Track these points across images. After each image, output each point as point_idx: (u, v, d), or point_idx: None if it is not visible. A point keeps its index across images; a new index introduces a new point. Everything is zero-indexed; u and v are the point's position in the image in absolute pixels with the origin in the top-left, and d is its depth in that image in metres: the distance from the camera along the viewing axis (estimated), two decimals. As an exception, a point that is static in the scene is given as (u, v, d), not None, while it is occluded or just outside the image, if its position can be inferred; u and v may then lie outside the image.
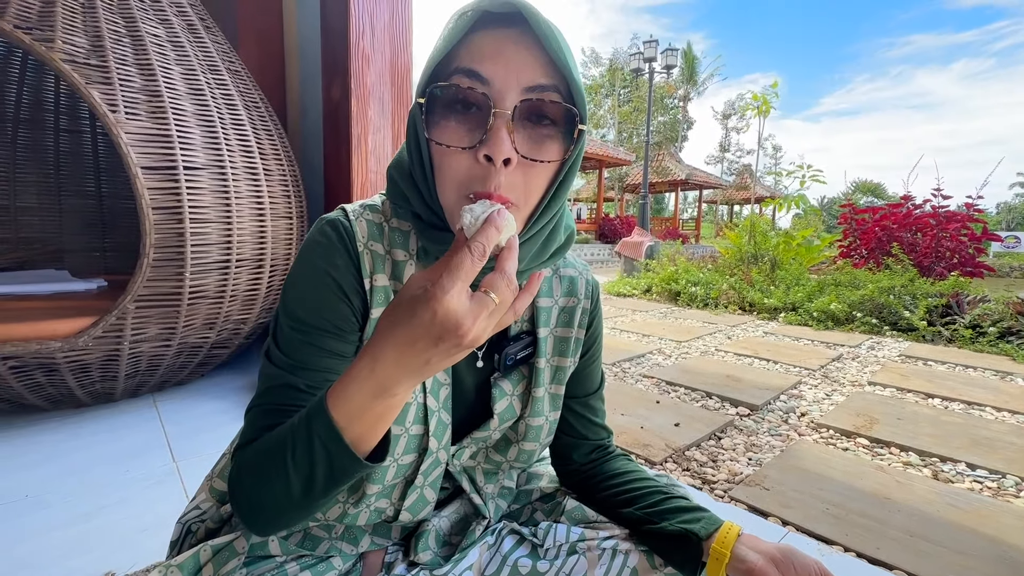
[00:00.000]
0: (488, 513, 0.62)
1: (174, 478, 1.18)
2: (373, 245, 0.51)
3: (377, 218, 0.52)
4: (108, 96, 1.36)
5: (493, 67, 0.42)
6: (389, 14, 2.00)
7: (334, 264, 0.49)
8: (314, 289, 0.49)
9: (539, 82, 0.43)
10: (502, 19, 0.43)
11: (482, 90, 0.42)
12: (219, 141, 1.56)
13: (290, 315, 0.49)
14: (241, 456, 0.45)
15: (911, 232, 5.55)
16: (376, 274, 0.50)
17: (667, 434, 1.74)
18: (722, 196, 23.88)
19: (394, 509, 0.56)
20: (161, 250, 1.42)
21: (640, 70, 12.38)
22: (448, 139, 0.43)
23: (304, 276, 0.49)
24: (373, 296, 0.50)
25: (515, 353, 0.57)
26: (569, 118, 0.44)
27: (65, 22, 1.36)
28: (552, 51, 0.43)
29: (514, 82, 0.42)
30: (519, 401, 0.60)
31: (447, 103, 0.43)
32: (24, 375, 1.39)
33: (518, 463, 0.63)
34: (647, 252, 6.90)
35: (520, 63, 0.43)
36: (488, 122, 0.42)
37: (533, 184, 0.45)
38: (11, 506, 1.05)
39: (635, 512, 0.59)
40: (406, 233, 0.52)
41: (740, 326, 3.96)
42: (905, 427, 1.86)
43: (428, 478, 0.56)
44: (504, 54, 0.43)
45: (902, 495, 1.36)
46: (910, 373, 2.63)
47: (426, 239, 0.50)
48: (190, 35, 1.65)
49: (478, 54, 0.43)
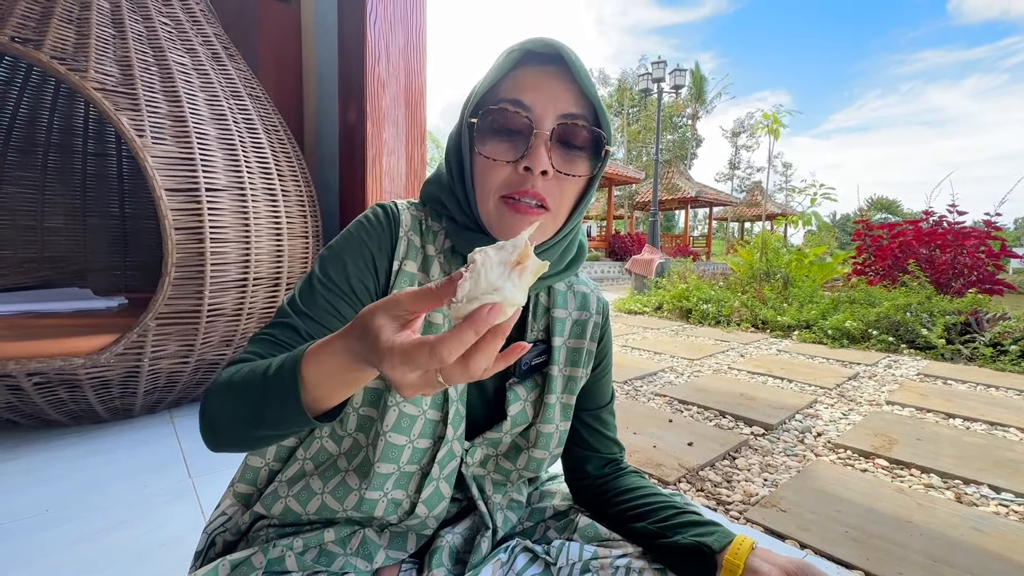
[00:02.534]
0: (494, 523, 0.62)
1: (190, 494, 1.20)
2: (412, 236, 0.58)
3: (419, 215, 0.60)
4: (136, 122, 1.41)
5: (534, 96, 0.51)
6: (404, 40, 2.07)
7: (376, 240, 0.56)
8: (350, 255, 0.55)
9: (572, 110, 0.51)
10: (543, 58, 0.52)
11: (525, 115, 0.51)
12: (239, 163, 1.61)
13: (321, 270, 0.54)
14: (224, 372, 0.48)
15: (929, 248, 5.48)
16: (407, 260, 0.57)
17: (680, 453, 1.73)
18: (732, 213, 23.82)
19: (410, 502, 0.58)
20: (182, 269, 1.46)
21: (649, 90, 12.52)
22: (494, 153, 0.52)
23: (347, 241, 0.56)
24: (398, 278, 0.56)
25: (530, 359, 0.61)
26: (596, 140, 0.53)
27: (98, 52, 1.42)
28: (583, 85, 0.52)
29: (551, 109, 0.51)
30: (532, 407, 0.63)
31: (495, 124, 0.52)
32: (47, 391, 1.42)
33: (527, 471, 0.64)
34: (658, 269, 6.88)
35: (557, 94, 0.51)
36: (529, 141, 0.51)
37: (565, 195, 0.53)
38: (33, 520, 1.07)
39: (648, 527, 0.60)
40: (437, 233, 0.59)
41: (753, 344, 3.91)
42: (925, 448, 1.82)
43: (444, 470, 0.58)
44: (544, 86, 0.51)
45: (924, 518, 1.33)
46: (929, 392, 2.58)
47: (459, 239, 0.57)
48: (214, 63, 1.71)
49: (522, 85, 0.51)
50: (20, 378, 1.33)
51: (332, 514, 0.58)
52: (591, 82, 0.52)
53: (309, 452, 0.60)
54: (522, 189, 0.51)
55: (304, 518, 0.59)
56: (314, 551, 0.57)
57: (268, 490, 0.61)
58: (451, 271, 0.58)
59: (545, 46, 0.51)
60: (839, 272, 6.40)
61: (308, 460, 0.60)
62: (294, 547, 0.55)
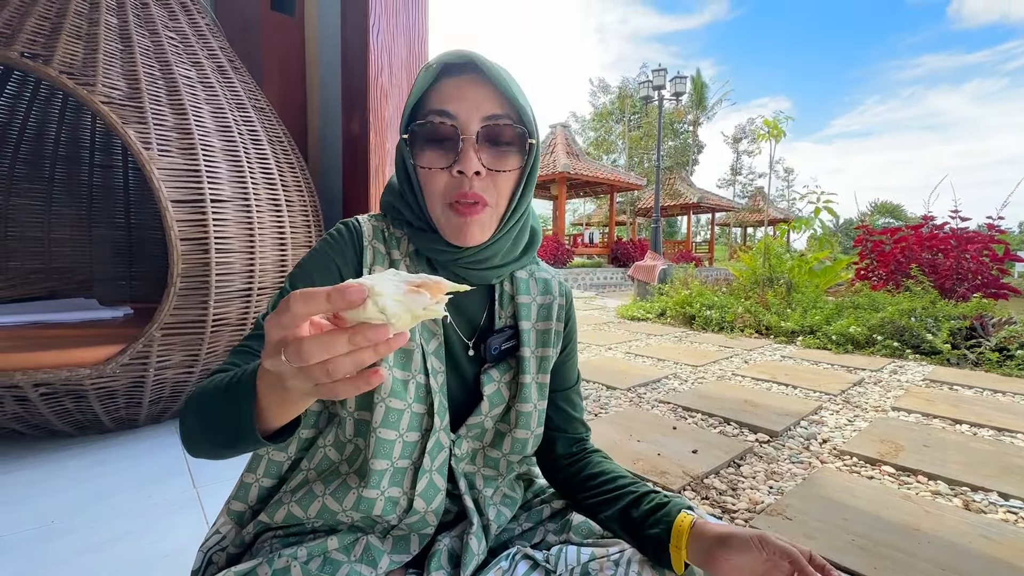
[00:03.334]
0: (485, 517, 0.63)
1: (195, 504, 1.20)
2: (376, 244, 0.62)
3: (381, 225, 0.64)
4: (143, 134, 1.43)
5: (457, 105, 0.55)
6: (406, 50, 2.09)
7: (341, 253, 0.60)
8: (318, 270, 0.59)
9: (494, 112, 0.55)
10: (460, 68, 0.56)
11: (451, 123, 0.55)
12: (244, 174, 1.63)
13: (292, 285, 0.58)
14: (200, 384, 0.50)
15: (931, 253, 5.46)
16: (375, 266, 0.60)
17: (685, 461, 1.72)
18: (735, 219, 23.83)
19: (407, 499, 0.59)
20: (187, 279, 1.48)
21: (649, 98, 12.58)
22: (430, 163, 0.56)
23: (314, 258, 0.60)
24: None
25: (499, 344, 0.64)
26: (521, 136, 0.57)
27: (106, 67, 1.45)
28: (502, 88, 0.55)
29: (475, 114, 0.55)
30: (507, 388, 0.66)
31: (426, 136, 0.56)
32: (53, 401, 1.43)
33: (513, 455, 0.66)
34: (660, 275, 6.88)
35: (478, 99, 0.55)
36: (459, 146, 0.55)
37: (502, 189, 0.57)
38: (39, 531, 1.07)
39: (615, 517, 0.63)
40: (400, 239, 0.64)
41: (757, 350, 3.90)
42: (932, 454, 1.81)
43: (435, 461, 0.60)
44: (465, 94, 0.55)
45: (931, 526, 1.32)
46: (935, 398, 2.56)
47: (418, 241, 0.61)
48: (219, 76, 1.74)
49: (445, 96, 0.55)
50: (27, 389, 1.34)
51: (332, 515, 0.58)
52: (509, 84, 0.55)
53: (313, 463, 0.61)
54: (461, 191, 0.55)
55: (306, 523, 0.60)
56: (318, 560, 0.57)
57: (273, 499, 0.62)
58: (417, 271, 0.61)
59: (460, 57, 0.55)
60: (842, 277, 6.38)
61: (311, 470, 0.61)
62: (298, 556, 0.56)
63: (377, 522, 0.61)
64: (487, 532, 0.63)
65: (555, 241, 12.28)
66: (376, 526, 0.62)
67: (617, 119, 25.79)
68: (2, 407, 1.38)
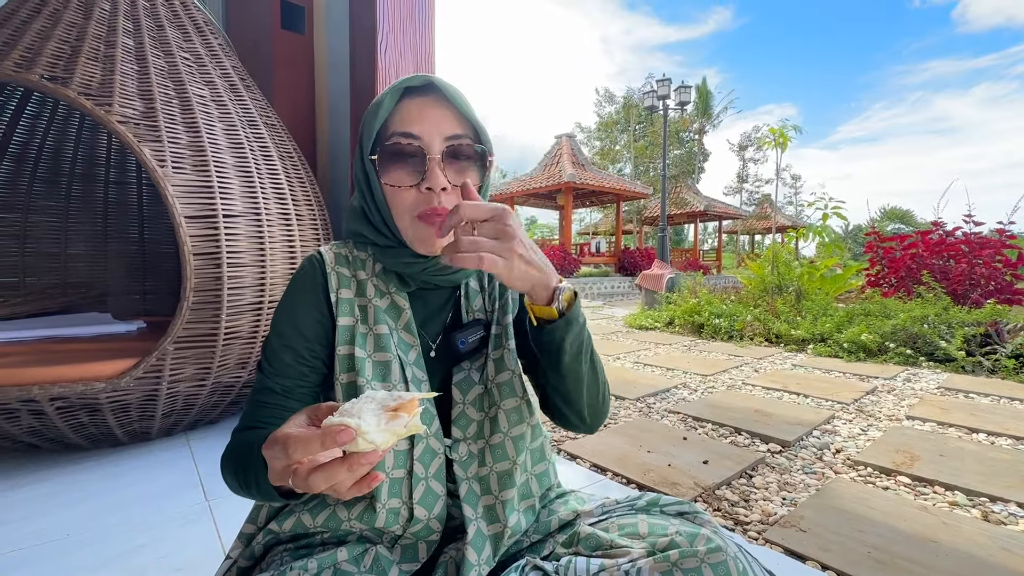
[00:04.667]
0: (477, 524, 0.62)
1: (207, 517, 1.21)
2: (339, 268, 0.65)
3: (343, 250, 0.67)
4: (157, 152, 1.47)
5: (420, 126, 0.58)
6: (414, 67, 2.13)
7: (310, 284, 0.64)
8: (293, 304, 0.63)
9: (455, 132, 0.60)
10: (420, 90, 0.60)
11: (416, 144, 0.58)
12: (255, 190, 1.66)
13: (274, 327, 0.63)
14: (230, 443, 0.58)
15: (942, 259, 5.40)
16: (341, 289, 0.64)
17: (696, 472, 1.70)
18: (742, 226, 23.73)
19: (407, 509, 0.60)
20: (200, 293, 1.50)
21: (654, 107, 12.63)
22: (398, 181, 0.59)
23: (287, 296, 0.64)
24: (339, 307, 0.63)
25: (467, 338, 0.66)
26: (481, 153, 0.62)
27: (122, 87, 1.49)
28: (461, 108, 0.60)
29: (437, 134, 0.59)
30: (477, 372, 0.67)
31: (392, 156, 0.59)
32: (69, 415, 1.45)
33: (515, 429, 0.65)
34: (668, 284, 6.86)
35: (439, 120, 0.59)
36: (425, 165, 0.58)
37: None
38: (55, 544, 1.08)
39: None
40: (365, 260, 0.67)
41: (767, 358, 3.87)
42: (949, 464, 1.78)
43: (429, 468, 0.61)
44: (427, 116, 0.59)
45: (950, 537, 1.30)
46: (951, 406, 2.52)
47: (383, 257, 0.64)
48: (232, 94, 1.78)
49: (408, 118, 0.59)
50: (43, 402, 1.37)
51: (339, 523, 0.60)
52: (467, 105, 0.60)
53: None
54: (430, 207, 0.58)
55: (313, 530, 0.61)
56: (329, 571, 0.58)
57: (284, 510, 0.63)
58: (387, 288, 0.65)
59: (421, 80, 0.60)
60: (852, 284, 6.32)
61: None
62: (309, 568, 0.56)
63: (384, 532, 0.62)
64: (499, 540, 0.63)
65: (562, 250, 12.29)
66: (384, 536, 0.62)
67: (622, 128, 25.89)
68: (19, 421, 1.40)
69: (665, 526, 0.63)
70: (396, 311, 0.65)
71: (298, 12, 2.51)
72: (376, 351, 0.62)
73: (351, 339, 0.62)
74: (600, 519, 0.70)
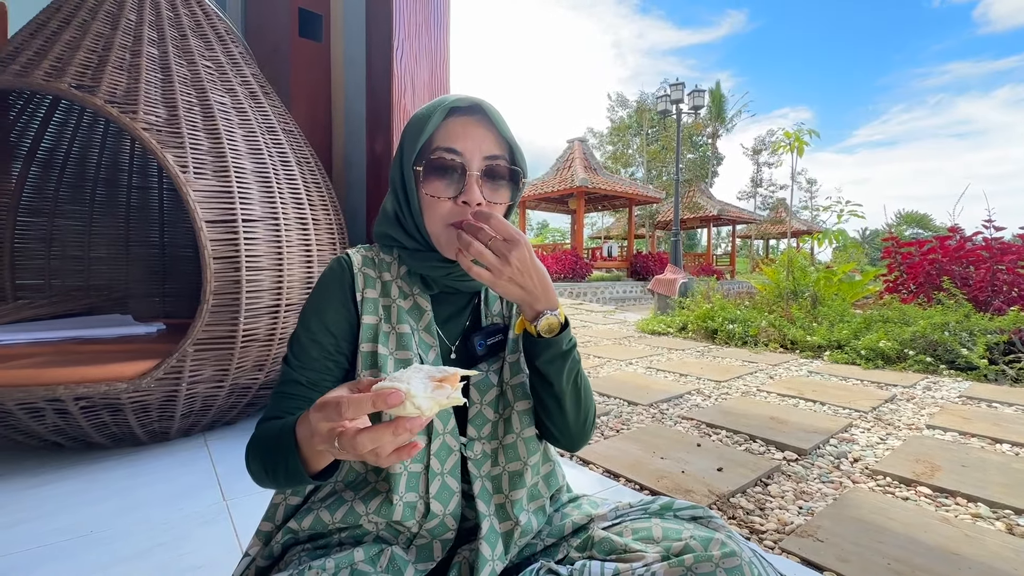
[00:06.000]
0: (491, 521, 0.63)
1: (224, 516, 1.23)
2: (366, 270, 0.68)
3: (370, 253, 0.71)
4: (180, 158, 1.50)
5: (464, 143, 0.63)
6: (429, 73, 2.15)
7: (338, 283, 0.67)
8: (322, 302, 0.66)
9: (494, 152, 0.64)
10: (466, 110, 0.64)
11: (459, 160, 0.62)
12: (274, 194, 1.69)
13: (303, 322, 0.66)
14: (255, 432, 0.61)
15: (962, 265, 5.29)
16: (367, 289, 0.67)
17: (710, 479, 1.69)
18: (756, 231, 23.46)
19: (424, 503, 0.62)
20: (219, 296, 1.53)
21: (668, 111, 12.58)
22: (438, 192, 0.63)
23: (317, 296, 0.67)
24: (364, 306, 0.66)
25: (485, 339, 0.69)
26: (515, 174, 0.66)
27: (147, 95, 1.53)
28: (501, 130, 0.65)
29: (478, 152, 0.63)
30: (495, 374, 0.70)
31: (435, 169, 0.63)
32: (92, 414, 1.48)
33: (527, 432, 0.67)
34: (681, 289, 6.81)
35: (480, 139, 0.63)
36: (464, 180, 0.62)
37: None
38: (77, 541, 1.11)
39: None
40: (390, 263, 0.70)
41: (782, 365, 3.82)
42: (971, 475, 1.74)
43: (444, 464, 0.64)
44: (470, 134, 0.63)
45: (972, 550, 1.27)
46: (973, 416, 2.46)
47: (411, 260, 0.68)
48: (251, 101, 1.81)
49: (452, 135, 0.63)
50: (68, 402, 1.40)
51: (357, 519, 0.61)
52: (507, 128, 0.65)
53: (340, 476, 0.65)
54: (463, 220, 0.62)
55: (332, 527, 0.62)
56: (346, 571, 0.59)
57: (302, 508, 0.65)
58: (410, 290, 0.69)
59: (469, 101, 0.64)
60: (870, 290, 6.21)
61: (340, 482, 0.65)
62: (327, 567, 0.57)
63: (400, 531, 0.63)
64: (510, 538, 0.64)
65: (573, 255, 12.26)
66: (400, 536, 0.63)
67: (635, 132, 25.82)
68: (44, 419, 1.44)
69: (679, 530, 0.63)
70: (418, 312, 0.68)
71: (315, 20, 2.56)
72: (398, 349, 0.65)
73: (374, 337, 0.65)
74: (613, 523, 0.70)
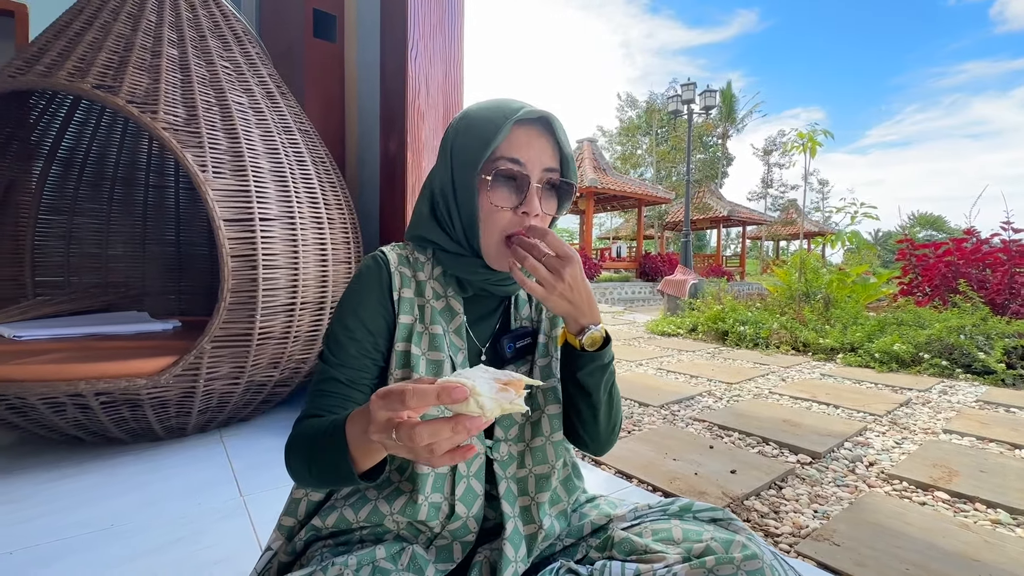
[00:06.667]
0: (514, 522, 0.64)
1: (242, 511, 1.24)
2: (401, 268, 0.68)
3: (404, 251, 0.70)
4: (199, 158, 1.52)
5: (527, 154, 0.63)
6: (443, 73, 2.16)
7: (376, 281, 0.66)
8: (360, 300, 0.66)
9: (551, 165, 0.64)
10: (530, 121, 0.64)
11: (522, 171, 0.63)
12: (290, 194, 1.71)
13: (340, 320, 0.65)
14: (295, 430, 0.60)
15: (979, 268, 5.21)
16: (403, 288, 0.67)
17: (723, 481, 1.68)
18: (767, 232, 23.26)
19: (449, 504, 0.62)
20: (236, 294, 1.54)
21: (679, 112, 12.51)
22: (501, 201, 0.63)
23: (354, 293, 0.66)
24: (400, 305, 0.67)
25: (513, 342, 0.70)
26: (570, 187, 0.67)
27: (167, 95, 1.55)
28: (560, 143, 0.65)
29: (539, 163, 0.63)
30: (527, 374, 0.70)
31: (499, 178, 0.63)
32: (112, 409, 1.51)
33: (556, 436, 0.68)
34: (691, 290, 6.77)
35: (541, 150, 0.64)
36: (525, 191, 0.63)
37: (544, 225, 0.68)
38: (99, 534, 1.13)
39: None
40: (424, 263, 0.70)
41: (794, 367, 3.78)
42: (990, 480, 1.71)
43: (470, 467, 0.65)
44: (532, 145, 0.63)
45: (993, 557, 1.25)
46: (991, 420, 2.43)
47: (452, 263, 0.67)
48: (268, 101, 1.83)
49: (517, 145, 0.63)
50: (89, 397, 1.42)
51: (381, 519, 0.62)
52: (567, 141, 0.66)
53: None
54: (520, 230, 0.62)
55: (355, 526, 0.63)
56: (368, 568, 0.59)
57: (326, 505, 0.66)
58: (444, 292, 0.69)
59: (536, 112, 0.63)
60: (883, 292, 6.13)
61: None
62: (349, 564, 0.58)
63: (421, 531, 0.63)
64: (533, 541, 0.64)
65: (582, 255, 12.24)
66: (420, 536, 0.64)
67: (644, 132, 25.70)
68: (65, 413, 1.47)
69: (700, 532, 0.63)
70: (450, 314, 0.68)
71: (330, 20, 2.58)
72: (430, 350, 0.65)
73: (408, 336, 0.65)
74: (633, 524, 0.70)
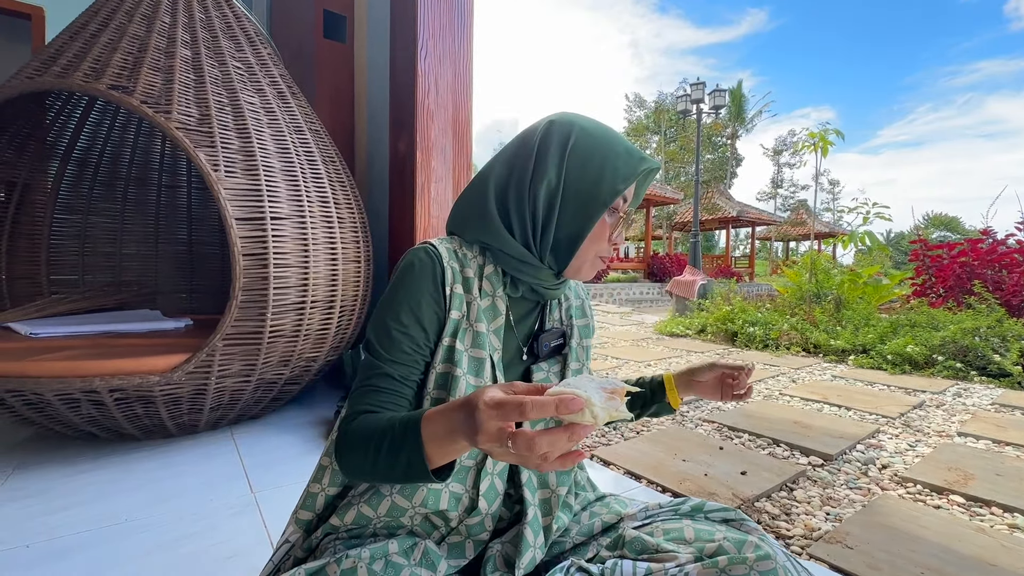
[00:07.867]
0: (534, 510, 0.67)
1: (253, 508, 1.25)
2: (452, 264, 0.68)
3: (452, 245, 0.70)
4: (212, 157, 1.54)
5: (627, 193, 0.71)
6: (452, 74, 2.16)
7: (430, 276, 0.65)
8: (415, 295, 0.64)
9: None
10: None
11: (626, 207, 0.72)
12: (300, 193, 1.72)
13: (393, 315, 0.63)
14: (346, 427, 0.59)
15: (995, 269, 5.13)
16: (454, 284, 0.67)
17: (733, 483, 1.66)
18: (776, 232, 23.07)
19: (470, 497, 0.64)
20: (248, 292, 1.56)
21: (688, 111, 12.45)
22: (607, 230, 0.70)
23: (407, 288, 0.65)
24: (452, 301, 0.66)
25: (549, 343, 0.74)
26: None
27: (181, 96, 1.56)
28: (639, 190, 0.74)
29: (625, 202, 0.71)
30: (556, 377, 0.75)
31: (613, 212, 0.70)
32: (125, 406, 1.53)
33: None
34: (700, 291, 6.73)
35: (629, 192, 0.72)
36: (619, 223, 0.71)
37: None
38: (114, 529, 1.14)
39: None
40: (472, 259, 0.70)
41: (805, 369, 3.75)
42: (1007, 484, 1.68)
43: (497, 465, 0.66)
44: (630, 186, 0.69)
45: (1011, 562, 1.23)
46: (1007, 424, 2.39)
47: (515, 268, 0.69)
48: (279, 101, 1.85)
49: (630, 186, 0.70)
50: (103, 393, 1.44)
51: (401, 513, 0.62)
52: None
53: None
54: (608, 256, 0.72)
55: (375, 522, 0.63)
56: (381, 562, 0.60)
57: (342, 503, 0.66)
58: (492, 291, 0.70)
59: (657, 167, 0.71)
60: (897, 294, 6.06)
61: None
62: (363, 557, 0.59)
63: (436, 526, 0.64)
64: (548, 532, 0.66)
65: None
66: (434, 532, 0.64)
67: (653, 132, 25.59)
68: (80, 410, 1.49)
69: (712, 532, 0.63)
70: (493, 313, 0.69)
71: (339, 21, 2.59)
72: (473, 347, 0.66)
73: (455, 332, 0.65)
74: (644, 523, 0.70)
